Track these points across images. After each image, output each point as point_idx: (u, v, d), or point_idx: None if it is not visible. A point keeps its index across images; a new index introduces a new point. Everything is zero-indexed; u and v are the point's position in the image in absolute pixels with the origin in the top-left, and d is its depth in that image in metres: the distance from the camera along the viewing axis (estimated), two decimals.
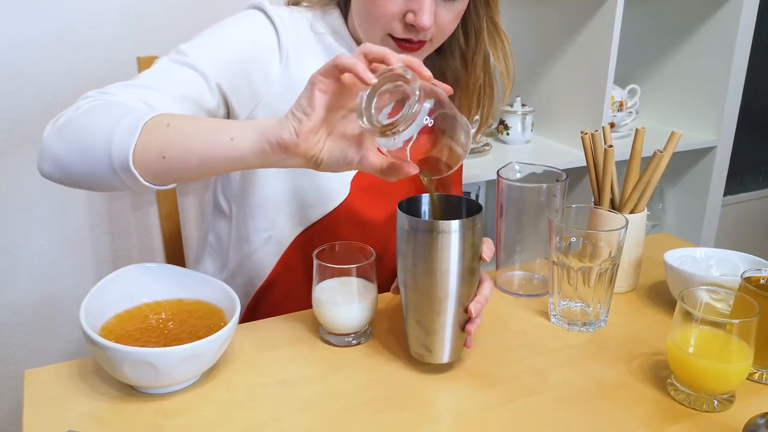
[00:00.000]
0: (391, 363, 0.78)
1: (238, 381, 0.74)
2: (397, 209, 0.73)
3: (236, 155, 0.68)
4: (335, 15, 0.94)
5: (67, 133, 0.74)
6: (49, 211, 1.46)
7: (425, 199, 0.77)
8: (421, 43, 0.88)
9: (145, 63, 1.18)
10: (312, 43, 0.93)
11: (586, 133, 0.95)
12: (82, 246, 1.52)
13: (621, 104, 1.79)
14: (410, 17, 0.84)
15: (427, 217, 0.77)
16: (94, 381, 0.73)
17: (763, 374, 0.76)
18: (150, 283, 0.80)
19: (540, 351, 0.81)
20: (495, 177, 0.95)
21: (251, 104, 0.89)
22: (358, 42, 0.94)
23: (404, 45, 0.88)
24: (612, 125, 1.79)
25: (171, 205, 1.22)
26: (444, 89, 0.67)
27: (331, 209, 0.94)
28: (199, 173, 0.71)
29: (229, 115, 0.90)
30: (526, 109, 1.75)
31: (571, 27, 1.67)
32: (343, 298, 0.79)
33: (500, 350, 0.81)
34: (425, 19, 0.83)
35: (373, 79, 0.63)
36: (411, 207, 0.76)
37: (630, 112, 1.84)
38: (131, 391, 0.72)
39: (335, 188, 0.94)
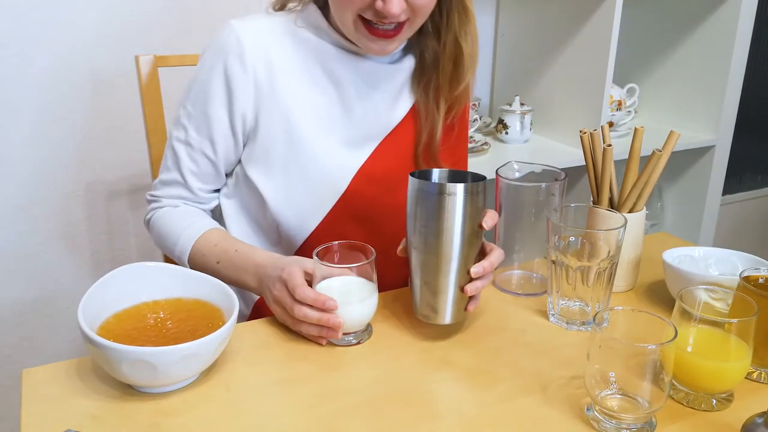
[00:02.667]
0: (390, 362, 0.78)
1: (236, 380, 0.74)
2: (409, 177, 0.81)
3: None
4: (312, 10, 0.96)
5: (155, 240, 1.02)
6: (48, 210, 1.46)
7: (435, 173, 0.86)
8: (397, 29, 0.89)
9: (143, 62, 1.17)
10: (292, 51, 0.95)
11: (585, 132, 0.95)
12: (80, 245, 1.52)
13: (620, 103, 1.79)
14: (379, 4, 0.85)
15: None
16: (92, 380, 0.73)
17: (761, 373, 0.76)
18: (148, 283, 0.80)
19: (539, 350, 0.81)
20: (494, 176, 0.95)
21: (251, 135, 0.97)
22: (340, 33, 0.95)
23: (378, 32, 0.89)
24: (611, 124, 1.79)
25: None
26: None
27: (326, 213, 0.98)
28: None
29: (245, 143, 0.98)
30: (525, 108, 1.75)
31: (570, 26, 1.67)
32: (343, 298, 0.79)
33: (499, 349, 0.81)
34: (393, 8, 0.85)
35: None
36: (422, 176, 0.84)
37: (629, 111, 1.85)
38: (130, 390, 0.72)
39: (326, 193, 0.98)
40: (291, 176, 0.95)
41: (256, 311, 1.02)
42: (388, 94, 1.00)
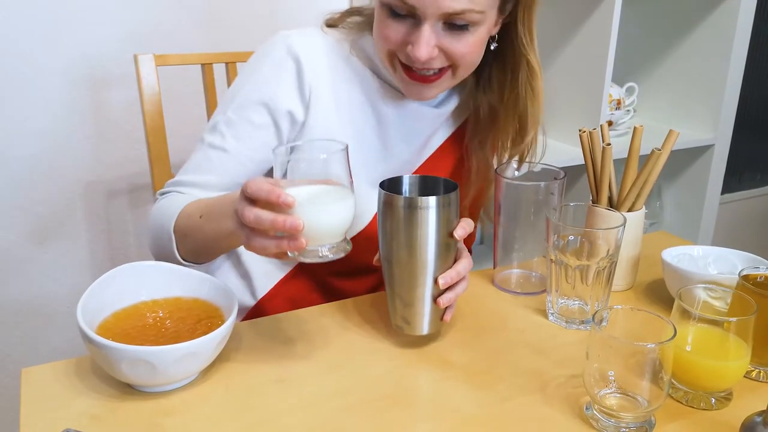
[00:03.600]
0: (389, 362, 0.78)
1: (235, 379, 0.74)
2: (379, 188, 0.77)
3: (231, 247, 0.86)
4: (368, 41, 0.94)
5: (149, 240, 0.93)
6: (47, 209, 1.46)
7: (405, 179, 0.82)
8: (437, 75, 0.87)
9: (142, 61, 1.17)
10: (345, 72, 0.93)
11: (584, 131, 0.95)
12: (79, 244, 1.52)
13: (619, 102, 1.79)
14: (410, 48, 0.83)
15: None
16: (91, 379, 0.73)
17: (760, 372, 0.76)
18: (147, 282, 0.80)
19: (538, 349, 0.81)
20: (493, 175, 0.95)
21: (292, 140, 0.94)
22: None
23: (414, 75, 0.86)
24: (610, 123, 1.79)
25: None
26: None
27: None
28: (223, 252, 0.91)
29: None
30: None
31: (569, 25, 1.67)
32: (312, 204, 0.67)
33: (498, 348, 0.81)
34: (420, 52, 0.82)
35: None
36: (392, 187, 0.80)
37: (628, 110, 1.84)
38: (129, 389, 0.72)
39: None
40: None
41: (257, 309, 1.02)
42: (425, 137, 0.99)
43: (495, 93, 0.96)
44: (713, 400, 0.71)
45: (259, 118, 0.91)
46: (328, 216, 0.68)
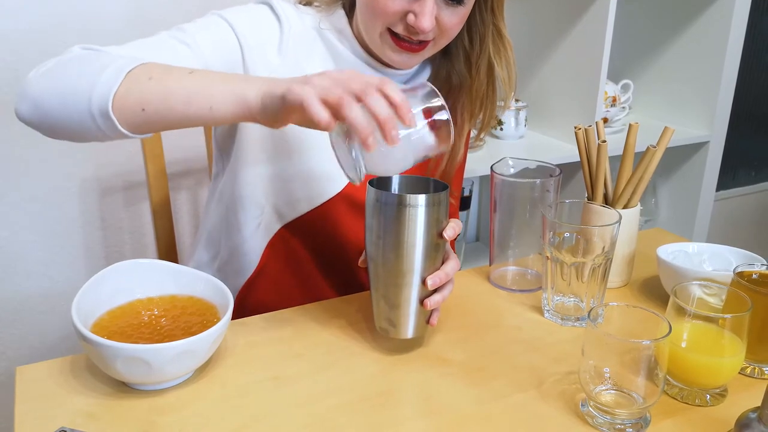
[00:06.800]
0: (385, 359, 0.78)
1: (231, 377, 0.74)
2: (368, 185, 0.76)
3: (214, 121, 0.70)
4: (340, 14, 0.95)
5: (52, 75, 0.74)
6: (41, 206, 1.46)
7: (395, 179, 0.81)
8: (422, 44, 0.89)
9: None
10: (317, 42, 0.95)
11: (580, 128, 0.95)
12: (74, 242, 1.51)
13: (614, 99, 1.79)
14: (411, 18, 0.84)
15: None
16: (86, 378, 0.73)
17: (755, 368, 0.77)
18: (142, 280, 0.80)
19: (534, 346, 0.82)
20: (489, 172, 0.95)
21: None
22: (362, 43, 0.94)
23: (404, 45, 0.88)
24: (605, 120, 1.79)
25: (163, 200, 1.22)
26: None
27: (320, 204, 0.96)
28: (176, 127, 0.73)
29: None
30: (520, 104, 1.75)
31: (564, 22, 1.67)
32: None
33: (494, 346, 0.82)
34: (425, 22, 0.84)
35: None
36: (381, 184, 0.79)
37: (623, 108, 1.85)
38: (124, 387, 0.71)
39: (324, 186, 0.95)
40: (289, 159, 0.94)
41: (239, 306, 1.01)
42: None
43: (461, 61, 0.97)
44: (708, 396, 0.71)
45: (232, 37, 0.89)
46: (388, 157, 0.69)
